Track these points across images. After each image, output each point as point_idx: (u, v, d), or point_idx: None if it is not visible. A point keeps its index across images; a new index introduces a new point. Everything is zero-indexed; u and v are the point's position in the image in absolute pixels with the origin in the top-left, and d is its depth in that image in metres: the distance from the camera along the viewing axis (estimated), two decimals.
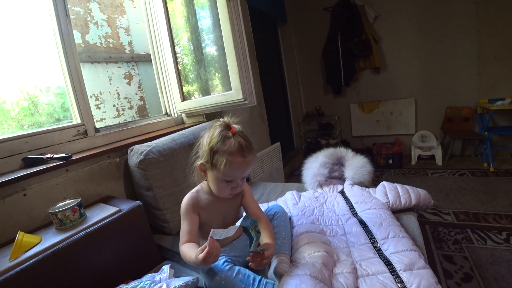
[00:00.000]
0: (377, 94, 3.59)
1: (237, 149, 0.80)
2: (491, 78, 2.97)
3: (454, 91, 3.17)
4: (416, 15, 3.16)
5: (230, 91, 1.52)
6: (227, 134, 0.81)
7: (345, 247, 0.95)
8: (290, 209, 1.27)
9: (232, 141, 0.80)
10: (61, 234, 0.90)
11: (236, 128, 0.84)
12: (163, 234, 1.28)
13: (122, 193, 1.36)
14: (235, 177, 0.84)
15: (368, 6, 3.31)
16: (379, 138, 3.68)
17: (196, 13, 1.77)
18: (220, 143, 0.80)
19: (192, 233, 0.88)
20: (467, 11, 2.91)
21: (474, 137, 2.98)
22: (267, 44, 3.30)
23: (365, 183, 1.40)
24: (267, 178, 2.38)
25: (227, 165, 0.79)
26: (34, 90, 1.67)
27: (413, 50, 3.27)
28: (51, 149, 1.21)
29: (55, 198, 1.09)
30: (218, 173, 0.82)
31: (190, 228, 0.88)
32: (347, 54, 3.38)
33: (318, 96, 3.97)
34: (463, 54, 3.03)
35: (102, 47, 2.04)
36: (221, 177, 0.82)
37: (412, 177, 2.85)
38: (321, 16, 3.60)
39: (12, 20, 1.53)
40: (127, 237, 1.02)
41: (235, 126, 0.84)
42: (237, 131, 0.83)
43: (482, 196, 2.21)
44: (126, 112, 2.14)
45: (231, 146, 0.80)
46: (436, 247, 1.66)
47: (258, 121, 2.57)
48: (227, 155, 0.79)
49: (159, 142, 1.31)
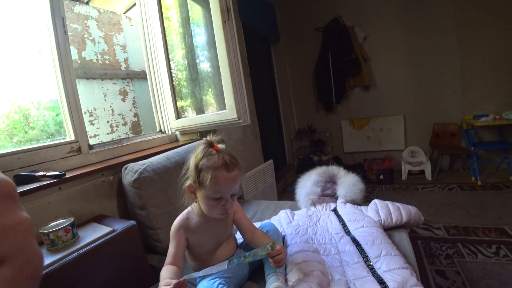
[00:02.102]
0: (367, 111, 3.68)
1: (221, 164, 0.81)
2: (475, 95, 3.11)
3: (440, 108, 3.29)
4: (402, 36, 3.32)
5: (224, 110, 1.55)
6: (210, 151, 0.83)
7: (339, 266, 0.96)
8: (284, 228, 1.27)
9: (215, 157, 0.82)
10: (52, 255, 0.88)
11: (220, 146, 0.85)
12: (155, 253, 1.27)
13: (115, 211, 1.35)
14: (223, 193, 0.83)
15: (358, 27, 3.46)
16: (370, 154, 3.74)
17: (192, 32, 1.82)
18: (205, 160, 0.82)
19: (176, 256, 0.88)
20: (450, 33, 3.08)
21: (461, 152, 3.08)
22: (260, 62, 3.39)
23: (357, 201, 1.43)
24: (260, 196, 2.38)
25: (213, 181, 0.79)
26: (26, 103, 1.66)
27: (401, 69, 3.41)
28: (44, 165, 1.20)
29: (47, 217, 1.07)
30: (205, 191, 0.82)
31: (175, 251, 0.89)
32: (338, 72, 3.49)
33: (310, 113, 4.05)
34: (448, 73, 3.18)
35: (98, 63, 2.06)
36: (209, 195, 0.83)
37: (403, 192, 2.89)
38: (312, 35, 3.74)
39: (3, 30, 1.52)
40: (121, 257, 1.00)
41: (219, 144, 0.86)
42: (220, 149, 0.84)
43: (471, 210, 2.26)
44: (120, 129, 2.14)
45: (215, 162, 0.81)
46: (429, 262, 1.68)
47: (251, 139, 2.60)
48: (211, 170, 0.80)
49: (153, 161, 1.31)
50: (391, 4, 3.30)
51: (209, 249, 0.94)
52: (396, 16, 3.30)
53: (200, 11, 1.81)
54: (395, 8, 3.29)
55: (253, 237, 0.97)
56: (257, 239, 0.96)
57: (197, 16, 1.85)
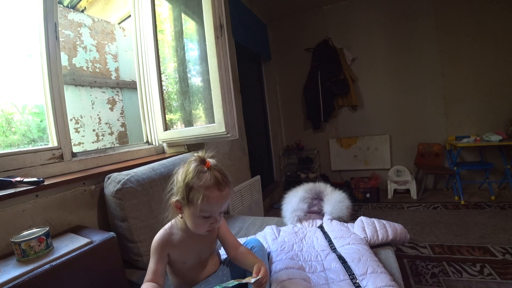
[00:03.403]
0: (355, 130, 3.76)
1: (214, 183, 0.78)
2: (457, 117, 3.25)
3: (424, 129, 3.40)
4: (389, 59, 3.47)
5: (213, 123, 1.55)
6: (202, 168, 0.80)
7: (325, 284, 0.94)
8: (270, 244, 1.24)
9: (207, 175, 0.78)
10: (22, 266, 0.82)
11: (211, 162, 0.82)
12: (135, 268, 1.21)
13: (94, 223, 1.29)
14: (213, 212, 0.81)
15: (346, 49, 3.60)
16: (357, 172, 3.79)
17: (184, 46, 1.84)
18: (196, 178, 0.78)
19: (156, 273, 0.84)
20: (433, 56, 3.25)
21: (444, 171, 3.15)
22: (251, 79, 3.45)
23: (343, 218, 1.42)
24: (246, 211, 2.34)
25: (204, 200, 0.77)
26: (10, 107, 1.61)
27: (387, 90, 3.53)
28: (22, 171, 1.15)
29: (20, 226, 1.01)
30: (195, 209, 0.79)
31: (156, 268, 0.85)
32: (326, 91, 3.58)
33: (299, 131, 4.10)
34: (431, 96, 3.32)
35: (88, 71, 2.04)
36: (198, 214, 0.80)
37: (389, 210, 2.91)
38: (303, 55, 3.85)
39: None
40: (98, 271, 0.95)
41: (210, 160, 0.83)
42: (212, 166, 0.81)
43: (455, 228, 2.29)
44: (106, 138, 2.10)
45: (207, 181, 0.78)
46: (415, 281, 1.66)
47: (239, 154, 2.59)
48: (203, 190, 0.77)
49: (138, 171, 1.28)
50: (378, 28, 3.47)
51: (192, 265, 0.91)
52: (382, 39, 3.46)
53: (194, 26, 1.84)
54: (382, 33, 3.45)
55: (236, 254, 0.94)
56: (240, 257, 0.93)
57: (190, 30, 1.89)
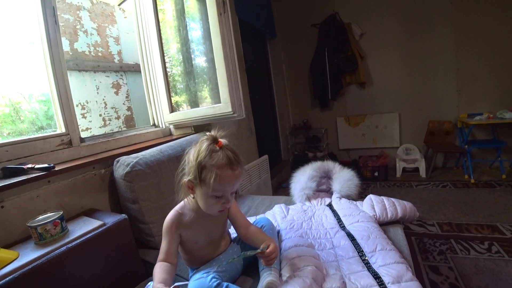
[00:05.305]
0: (363, 108, 3.69)
1: (226, 163, 0.78)
2: (470, 94, 3.13)
3: (435, 106, 3.30)
4: (399, 33, 3.31)
5: (219, 103, 1.53)
6: (214, 148, 0.79)
7: (334, 261, 0.95)
8: (279, 223, 1.26)
9: (220, 154, 0.78)
10: (40, 249, 0.86)
11: (223, 141, 0.82)
12: (148, 248, 1.24)
13: (106, 206, 1.32)
14: (225, 191, 0.81)
15: (354, 24, 3.45)
16: (365, 151, 3.75)
17: (187, 25, 1.79)
18: (208, 157, 0.78)
19: (168, 253, 0.86)
20: (447, 32, 3.09)
21: (455, 150, 3.10)
22: (256, 57, 3.36)
23: (352, 196, 1.42)
24: (254, 191, 2.36)
25: (217, 180, 0.76)
26: (17, 96, 1.62)
27: (397, 66, 3.41)
28: (32, 158, 1.17)
29: (35, 210, 1.04)
30: (207, 189, 0.79)
31: (168, 248, 0.86)
32: (334, 69, 3.48)
33: (306, 110, 4.04)
34: (443, 72, 3.19)
35: (91, 55, 2.02)
36: (210, 193, 0.80)
37: (397, 189, 2.90)
38: (309, 32, 3.72)
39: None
40: (112, 252, 0.98)
41: (221, 139, 0.82)
42: (224, 145, 0.81)
43: (464, 207, 2.28)
44: (112, 122, 2.11)
45: (219, 160, 0.77)
46: (422, 258, 1.68)
47: (246, 134, 2.57)
48: (215, 169, 0.77)
49: (146, 154, 1.29)
50: (389, 1, 3.29)
51: (203, 245, 0.92)
52: (393, 13, 3.29)
53: (195, 4, 1.77)
54: (393, 6, 3.28)
55: (247, 233, 0.95)
56: (251, 235, 0.94)
57: (192, 9, 1.82)
